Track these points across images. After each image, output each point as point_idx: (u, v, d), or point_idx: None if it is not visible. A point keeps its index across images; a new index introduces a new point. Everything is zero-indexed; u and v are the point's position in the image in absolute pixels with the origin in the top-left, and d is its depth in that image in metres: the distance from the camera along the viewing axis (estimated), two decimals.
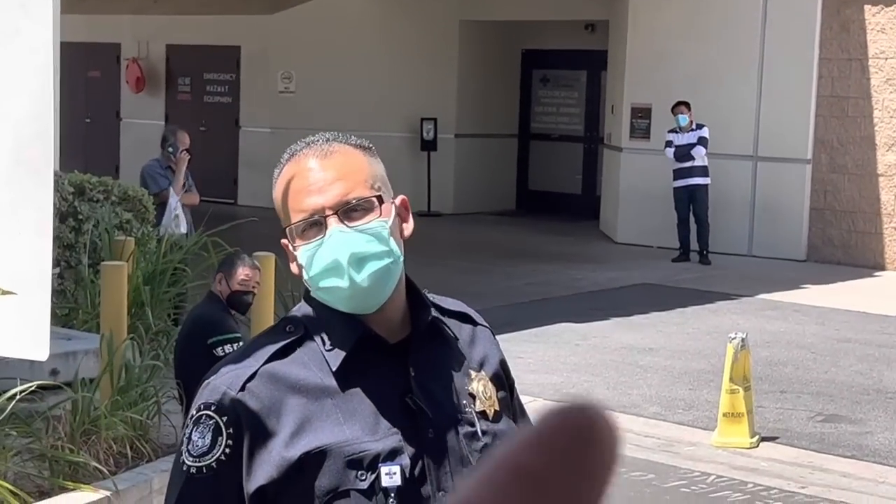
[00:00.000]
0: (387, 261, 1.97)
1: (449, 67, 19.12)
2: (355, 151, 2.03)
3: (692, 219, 15.21)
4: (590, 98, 19.55)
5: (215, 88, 20.68)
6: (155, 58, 21.13)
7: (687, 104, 15.06)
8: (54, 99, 8.06)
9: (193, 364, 5.58)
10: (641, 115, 16.62)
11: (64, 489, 5.34)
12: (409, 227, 2.07)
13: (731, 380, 7.66)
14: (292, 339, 1.99)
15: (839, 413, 8.53)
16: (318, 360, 1.98)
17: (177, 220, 9.51)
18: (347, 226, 1.96)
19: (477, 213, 18.92)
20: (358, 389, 1.96)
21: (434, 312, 2.06)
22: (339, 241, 1.95)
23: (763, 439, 7.77)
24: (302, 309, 2.05)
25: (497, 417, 2.05)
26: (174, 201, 9.82)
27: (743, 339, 7.74)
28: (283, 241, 2.01)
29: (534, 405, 8.43)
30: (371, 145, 2.08)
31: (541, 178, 20.05)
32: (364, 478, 1.91)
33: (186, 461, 1.96)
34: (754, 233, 15.73)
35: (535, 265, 14.49)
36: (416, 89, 18.97)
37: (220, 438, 1.94)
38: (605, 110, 18.48)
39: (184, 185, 10.22)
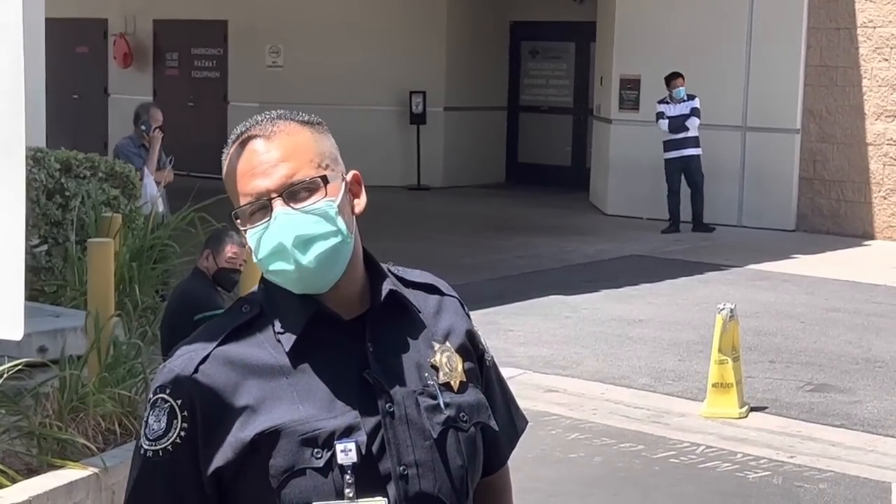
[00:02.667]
0: (333, 241, 1.95)
1: (437, 40, 19.06)
2: (301, 129, 2.00)
3: (685, 189, 15.21)
4: (579, 70, 19.51)
5: (203, 63, 20.59)
6: (142, 33, 21.03)
7: (682, 76, 15.03)
8: (41, 75, 7.98)
9: (180, 340, 5.56)
10: (630, 86, 16.59)
11: (52, 466, 5.33)
12: (361, 203, 2.04)
13: (720, 350, 7.66)
14: (247, 318, 1.98)
15: (828, 382, 8.55)
16: (272, 340, 1.97)
17: (153, 198, 9.46)
18: (293, 207, 1.94)
19: (467, 186, 18.90)
20: (313, 367, 1.95)
21: (392, 285, 2.03)
22: (284, 223, 1.93)
23: (752, 409, 7.79)
24: (259, 289, 2.04)
25: (462, 388, 2.02)
26: (149, 180, 9.77)
27: (731, 310, 7.74)
28: (237, 221, 2.00)
29: (523, 378, 8.44)
30: (320, 121, 2.05)
31: (530, 150, 20.02)
32: (319, 456, 1.89)
33: (144, 445, 1.96)
34: (743, 203, 15.73)
35: (525, 238, 14.48)
36: (404, 62, 18.91)
37: (175, 421, 1.94)
38: (595, 82, 18.44)
39: (160, 162, 10.14)
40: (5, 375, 5.35)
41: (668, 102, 15.08)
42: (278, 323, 1.96)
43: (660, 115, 15.07)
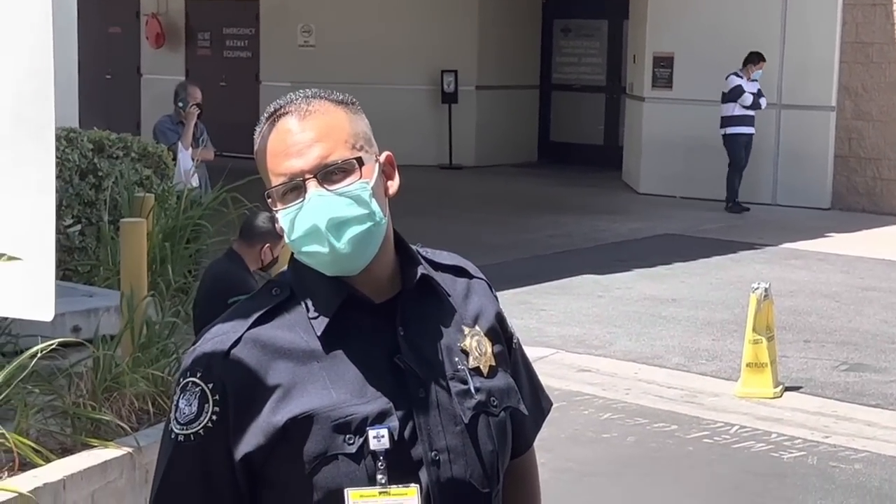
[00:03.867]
0: (368, 224, 1.92)
1: (469, 19, 18.99)
2: (336, 109, 1.97)
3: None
4: (611, 47, 19.40)
5: (235, 43, 20.61)
6: (174, 13, 21.06)
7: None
8: (73, 55, 7.99)
9: (212, 321, 5.56)
10: (664, 64, 16.48)
11: (86, 446, 5.34)
12: (394, 185, 2.01)
13: (755, 330, 7.62)
14: (278, 301, 1.96)
15: (863, 362, 8.49)
16: (304, 324, 1.94)
17: (187, 174, 9.52)
18: (327, 189, 1.91)
19: (498, 165, 18.86)
20: (345, 352, 1.93)
21: (424, 269, 2.01)
22: (318, 205, 1.90)
23: (787, 389, 7.74)
24: (289, 271, 2.02)
25: (492, 373, 2.00)
26: (183, 156, 9.84)
27: (766, 289, 7.69)
28: (269, 200, 1.97)
29: (556, 357, 8.42)
30: (354, 101, 2.02)
31: (562, 129, 19.95)
32: (352, 442, 1.87)
33: (174, 429, 1.93)
34: (778, 181, 15.63)
35: (557, 217, 14.44)
36: (436, 41, 18.86)
37: (206, 405, 1.91)
38: (627, 60, 18.34)
39: (197, 139, 10.24)
40: (39, 355, 5.37)
41: (740, 77, 14.90)
42: (310, 306, 1.94)
43: (739, 90, 14.85)
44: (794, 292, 10.42)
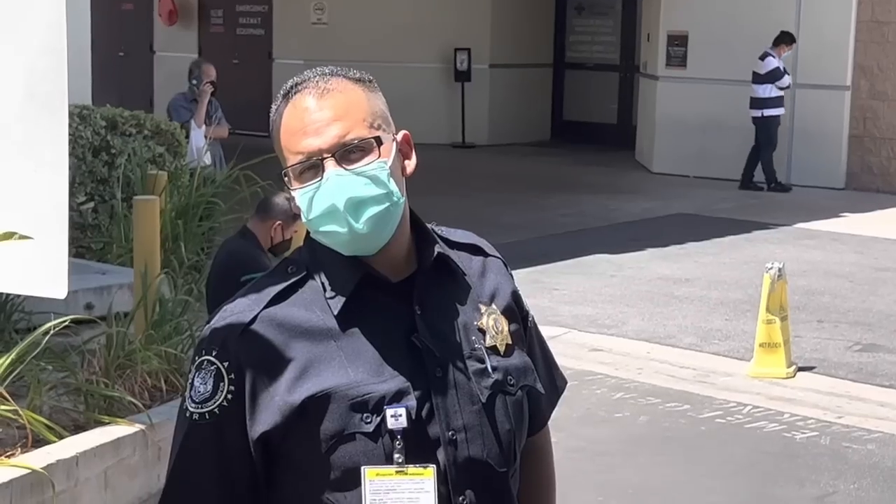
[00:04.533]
0: (386, 204, 1.91)
1: None
2: (354, 87, 1.95)
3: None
4: (625, 26, 19.32)
5: (248, 20, 20.57)
6: None
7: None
8: (86, 32, 8.00)
9: (226, 299, 5.56)
10: (678, 42, 16.41)
11: (99, 423, 5.36)
12: (411, 164, 2.00)
13: (768, 310, 7.60)
14: (294, 280, 1.95)
15: (877, 342, 8.47)
16: (320, 302, 1.93)
17: (199, 152, 9.53)
18: (345, 168, 1.90)
19: (511, 144, 18.81)
20: (362, 331, 1.92)
21: (440, 247, 2.00)
22: (336, 185, 1.89)
23: (800, 369, 7.73)
24: (304, 250, 2.01)
25: (509, 352, 2.00)
26: (196, 134, 9.86)
27: (780, 269, 7.67)
28: (285, 178, 1.95)
29: (568, 337, 8.42)
30: (371, 78, 2.00)
31: (576, 107, 19.89)
32: (369, 421, 1.87)
33: (189, 407, 1.92)
34: (792, 161, 15.57)
35: (570, 196, 14.42)
36: (449, 19, 18.80)
37: (221, 384, 1.90)
38: (641, 38, 18.27)
39: (211, 117, 10.26)
40: (52, 332, 5.38)
41: (775, 58, 14.83)
42: (326, 285, 1.93)
43: (779, 72, 14.76)
44: (808, 272, 10.40)
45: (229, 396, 1.90)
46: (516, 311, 2.06)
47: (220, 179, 8.67)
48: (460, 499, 1.90)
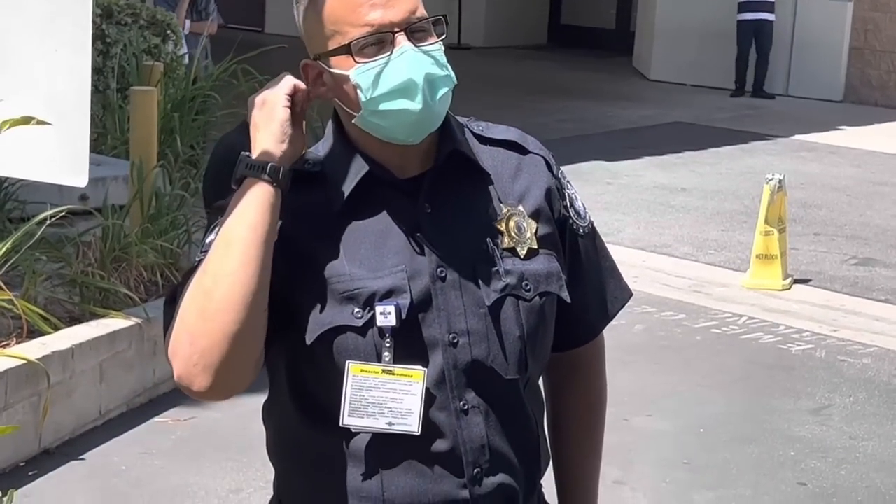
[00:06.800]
0: (450, 86, 1.85)
1: None
2: None
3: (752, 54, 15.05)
4: None
5: None
6: None
7: None
8: None
9: (224, 194, 5.50)
10: None
11: (94, 315, 5.33)
12: None
13: (766, 221, 7.57)
14: (304, 170, 1.87)
15: (873, 256, 8.46)
16: (324, 195, 1.87)
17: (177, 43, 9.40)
18: (416, 45, 1.82)
19: (507, 47, 18.64)
20: (365, 227, 1.86)
21: (459, 144, 1.91)
22: (415, 60, 1.81)
23: (796, 282, 7.72)
24: (321, 145, 1.92)
25: (531, 255, 1.90)
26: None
27: (780, 181, 7.63)
28: (308, 61, 1.85)
29: None
30: None
31: (573, 11, 19.68)
32: (360, 316, 1.81)
33: (199, 257, 1.84)
34: (791, 72, 15.47)
35: (567, 102, 14.31)
36: None
37: None
38: None
39: (200, 12, 10.10)
40: (48, 222, 5.33)
41: None
42: (334, 179, 1.87)
43: None
44: (805, 185, 10.36)
45: None
46: (549, 215, 1.97)
47: (217, 73, 8.55)
48: (461, 404, 1.84)
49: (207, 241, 1.85)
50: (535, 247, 1.92)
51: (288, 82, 1.85)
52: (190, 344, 1.76)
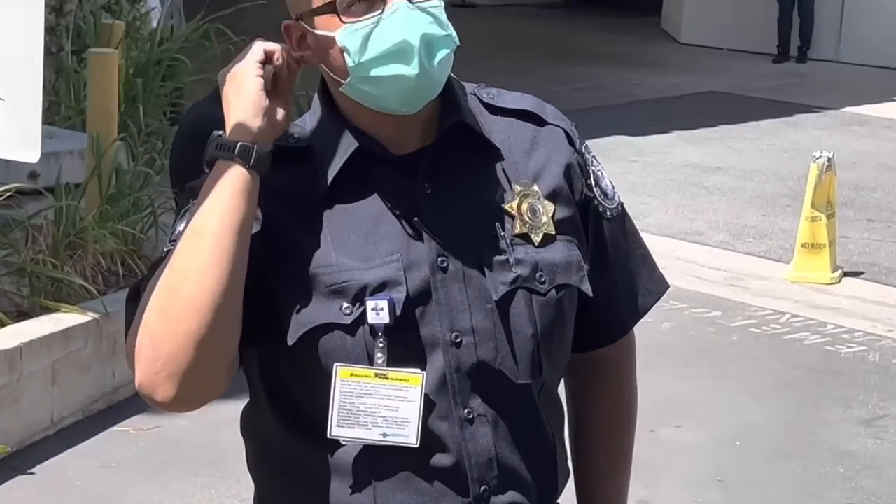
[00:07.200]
0: (451, 48, 1.85)
1: None
2: None
3: (795, 13, 15.10)
4: None
5: None
6: None
7: None
8: None
9: (194, 171, 5.51)
10: None
11: (46, 309, 5.35)
12: None
13: (813, 205, 7.59)
14: (290, 146, 1.87)
15: None
16: (311, 174, 1.86)
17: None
18: (411, 2, 1.82)
19: (519, 4, 18.68)
20: (356, 210, 1.85)
21: (463, 116, 1.90)
22: (409, 18, 1.81)
23: (846, 274, 7.74)
24: (309, 117, 1.92)
25: (547, 242, 1.90)
26: None
27: (829, 159, 7.65)
28: (289, 22, 1.85)
29: None
30: None
31: None
32: (349, 312, 1.81)
33: (168, 247, 1.85)
34: (842, 35, 15.50)
35: (586, 67, 14.35)
36: None
37: None
38: None
39: None
40: None
41: None
42: (322, 157, 1.86)
43: None
44: (858, 164, 10.39)
45: None
46: (570, 195, 1.95)
47: (186, 33, 8.56)
48: (465, 412, 1.84)
49: (178, 229, 1.84)
50: (552, 232, 1.91)
51: (258, 48, 1.84)
52: (153, 349, 1.76)
